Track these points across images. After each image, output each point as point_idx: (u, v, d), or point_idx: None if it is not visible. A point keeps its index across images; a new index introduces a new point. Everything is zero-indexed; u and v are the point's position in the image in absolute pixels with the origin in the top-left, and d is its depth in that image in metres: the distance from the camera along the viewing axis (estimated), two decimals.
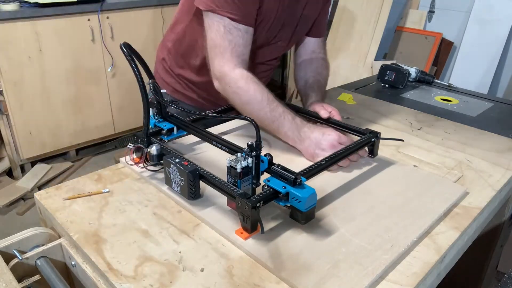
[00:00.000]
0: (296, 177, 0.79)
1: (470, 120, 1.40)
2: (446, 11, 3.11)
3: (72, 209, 0.88)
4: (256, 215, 0.77)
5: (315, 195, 0.80)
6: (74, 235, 0.80)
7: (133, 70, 0.91)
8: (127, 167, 1.04)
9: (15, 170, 2.84)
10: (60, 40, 2.73)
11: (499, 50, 2.82)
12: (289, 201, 0.80)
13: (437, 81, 1.75)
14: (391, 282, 0.71)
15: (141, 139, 1.00)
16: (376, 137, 1.07)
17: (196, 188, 0.88)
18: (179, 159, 0.88)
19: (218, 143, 0.97)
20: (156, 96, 1.00)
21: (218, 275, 0.71)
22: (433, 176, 1.03)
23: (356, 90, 1.66)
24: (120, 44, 0.90)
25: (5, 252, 0.78)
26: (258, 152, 0.82)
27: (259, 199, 0.77)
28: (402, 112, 1.44)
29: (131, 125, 3.27)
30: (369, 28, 3.13)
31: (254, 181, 0.84)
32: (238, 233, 0.79)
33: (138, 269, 0.72)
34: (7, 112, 2.64)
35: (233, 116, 1.06)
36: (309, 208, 0.80)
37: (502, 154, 1.16)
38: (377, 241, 0.79)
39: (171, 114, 1.09)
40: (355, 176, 1.01)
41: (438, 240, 0.82)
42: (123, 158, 1.05)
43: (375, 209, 0.89)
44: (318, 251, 0.76)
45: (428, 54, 3.09)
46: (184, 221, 0.85)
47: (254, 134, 0.80)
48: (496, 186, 1.01)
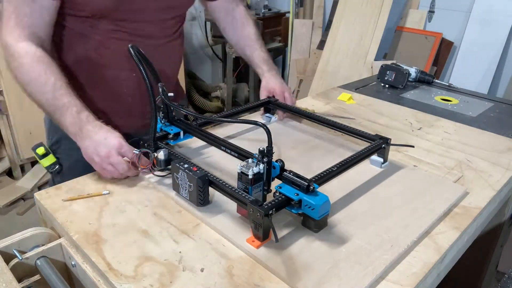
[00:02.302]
0: (309, 184, 0.77)
1: (470, 120, 1.40)
2: (446, 11, 3.10)
3: (72, 209, 0.88)
4: (269, 223, 0.75)
5: (329, 203, 0.79)
6: (74, 235, 0.80)
7: (141, 74, 0.89)
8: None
9: (15, 170, 2.84)
10: None
11: (499, 50, 2.81)
12: (302, 209, 0.78)
13: (437, 81, 1.75)
14: (391, 282, 0.71)
15: (147, 143, 0.98)
16: (386, 143, 1.04)
17: (206, 194, 0.86)
18: (187, 165, 0.86)
19: (227, 148, 0.95)
20: (165, 100, 0.98)
21: (218, 275, 0.71)
22: (433, 176, 1.03)
23: (356, 90, 1.66)
24: (128, 47, 0.89)
25: (5, 252, 0.78)
26: (270, 158, 0.80)
27: (272, 206, 0.75)
28: (402, 112, 1.44)
29: None
30: (369, 28, 3.12)
31: (265, 188, 0.83)
32: (250, 241, 0.78)
33: (138, 269, 0.72)
34: (7, 112, 2.64)
35: (244, 121, 0.98)
36: (322, 215, 0.78)
37: (502, 154, 1.16)
38: (377, 241, 0.79)
39: (178, 118, 1.06)
40: (355, 177, 1.01)
41: (438, 240, 0.82)
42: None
43: (375, 209, 0.89)
44: (318, 251, 0.76)
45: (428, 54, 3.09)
46: (184, 221, 0.85)
47: (261, 138, 0.79)
48: (496, 186, 1.01)
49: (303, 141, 1.19)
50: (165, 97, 0.98)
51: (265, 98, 1.29)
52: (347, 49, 3.21)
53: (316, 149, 1.14)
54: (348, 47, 3.21)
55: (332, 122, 1.16)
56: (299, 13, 3.87)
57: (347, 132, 1.13)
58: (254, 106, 1.30)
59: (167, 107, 1.03)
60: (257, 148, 0.80)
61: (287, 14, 4.03)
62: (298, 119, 1.31)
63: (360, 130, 1.12)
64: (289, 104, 1.28)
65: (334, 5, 3.49)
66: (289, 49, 3.88)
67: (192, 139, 1.12)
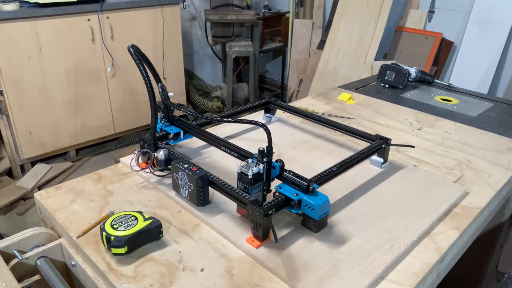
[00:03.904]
0: (309, 184, 0.77)
1: (470, 120, 1.40)
2: (446, 11, 3.10)
3: (72, 209, 0.88)
4: (268, 223, 0.75)
5: (328, 203, 0.79)
6: (74, 235, 0.80)
7: (142, 73, 0.89)
8: (127, 167, 1.04)
9: (15, 170, 2.83)
10: (60, 40, 2.73)
11: (499, 50, 2.81)
12: (302, 209, 0.78)
13: (437, 81, 1.75)
14: (391, 282, 0.71)
15: (147, 143, 0.98)
16: (386, 143, 1.04)
17: (205, 194, 0.86)
18: (187, 165, 0.86)
19: (227, 148, 0.95)
20: (165, 100, 0.98)
21: (218, 275, 0.71)
22: (433, 176, 1.03)
23: (356, 90, 1.65)
24: (128, 47, 0.89)
25: (5, 252, 0.78)
26: (270, 158, 0.80)
27: (271, 206, 0.75)
28: (402, 112, 1.44)
29: (131, 125, 3.27)
30: (369, 28, 3.12)
31: (265, 188, 0.83)
32: (249, 241, 0.78)
33: (138, 269, 0.72)
34: (7, 112, 2.64)
35: (244, 121, 1.00)
36: (322, 216, 0.79)
37: (502, 154, 1.16)
38: (377, 241, 0.79)
39: (178, 118, 1.06)
40: (356, 177, 1.01)
41: (438, 240, 0.82)
42: (123, 158, 1.04)
43: (375, 209, 0.89)
44: (318, 251, 0.76)
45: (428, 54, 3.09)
46: (184, 221, 0.85)
47: (261, 138, 0.79)
48: (496, 186, 1.01)
49: (303, 141, 1.19)
50: (165, 97, 0.98)
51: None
52: (347, 49, 3.21)
53: (316, 149, 1.14)
54: (348, 47, 3.21)
55: (332, 122, 1.16)
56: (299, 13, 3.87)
57: (347, 132, 1.13)
58: (254, 106, 1.30)
59: (167, 107, 1.03)
60: (257, 148, 0.80)
61: (287, 14, 4.03)
62: (298, 119, 1.31)
63: (360, 130, 1.12)
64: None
65: (334, 5, 3.49)
66: (289, 49, 3.88)
67: (192, 139, 1.12)
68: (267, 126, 0.79)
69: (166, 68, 3.29)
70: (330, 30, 3.31)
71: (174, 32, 3.27)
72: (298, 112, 1.25)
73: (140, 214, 0.79)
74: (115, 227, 0.75)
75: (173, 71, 3.37)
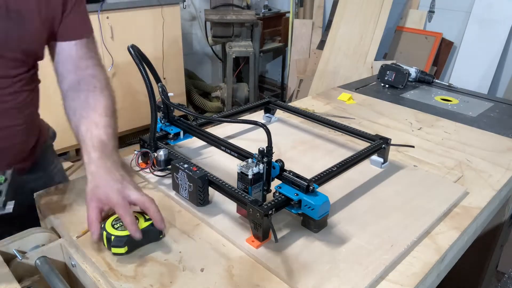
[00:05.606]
0: (308, 184, 0.77)
1: (470, 120, 1.40)
2: (446, 11, 3.11)
3: (72, 209, 0.88)
4: (268, 223, 0.75)
5: (328, 203, 0.79)
6: (74, 235, 0.80)
7: (142, 74, 0.89)
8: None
9: None
10: None
11: (499, 50, 2.82)
12: (302, 209, 0.78)
13: (437, 81, 1.75)
14: (391, 282, 0.71)
15: (147, 143, 0.98)
16: (386, 143, 1.04)
17: (205, 194, 0.86)
18: (187, 165, 0.86)
19: (227, 148, 0.95)
20: (165, 100, 0.98)
21: (218, 275, 0.71)
22: (433, 176, 1.03)
23: (356, 90, 1.65)
24: (128, 47, 0.89)
25: (5, 252, 0.78)
26: (270, 158, 0.80)
27: (271, 207, 0.75)
28: (402, 112, 1.44)
29: (131, 125, 3.27)
30: (369, 28, 3.13)
31: (265, 188, 0.83)
32: (249, 241, 0.78)
33: (138, 269, 0.72)
34: None
35: (244, 121, 0.97)
36: (322, 216, 0.78)
37: (502, 154, 1.16)
38: (377, 241, 0.79)
39: (177, 118, 1.06)
40: (356, 176, 1.01)
41: (438, 240, 0.82)
42: (123, 158, 1.04)
43: (375, 209, 0.89)
44: (318, 251, 0.76)
45: (428, 54, 3.09)
46: (184, 221, 0.85)
47: (261, 138, 0.79)
48: (496, 186, 1.01)
49: (303, 141, 1.19)
50: (165, 97, 0.98)
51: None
52: (347, 49, 3.21)
53: (316, 149, 1.14)
54: (348, 47, 3.21)
55: (332, 122, 1.16)
56: (299, 13, 3.87)
57: (347, 132, 1.13)
58: (254, 106, 1.30)
59: (167, 107, 1.04)
60: (257, 148, 0.80)
61: (287, 14, 4.03)
62: (298, 119, 1.31)
63: (360, 130, 1.11)
64: (156, 219, 0.77)
65: (334, 5, 3.49)
66: (289, 49, 3.88)
67: (192, 139, 1.11)
68: (267, 126, 0.79)
69: (166, 68, 3.29)
70: (330, 30, 3.31)
71: (174, 32, 3.27)
72: (298, 112, 1.25)
73: (141, 214, 0.79)
74: (116, 226, 0.76)
75: (173, 71, 3.37)
